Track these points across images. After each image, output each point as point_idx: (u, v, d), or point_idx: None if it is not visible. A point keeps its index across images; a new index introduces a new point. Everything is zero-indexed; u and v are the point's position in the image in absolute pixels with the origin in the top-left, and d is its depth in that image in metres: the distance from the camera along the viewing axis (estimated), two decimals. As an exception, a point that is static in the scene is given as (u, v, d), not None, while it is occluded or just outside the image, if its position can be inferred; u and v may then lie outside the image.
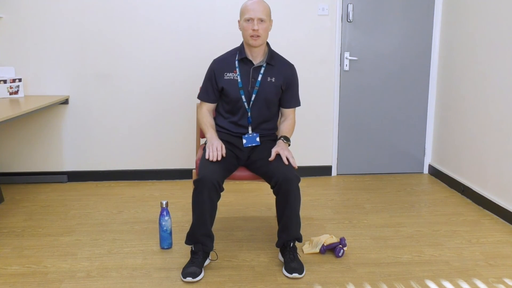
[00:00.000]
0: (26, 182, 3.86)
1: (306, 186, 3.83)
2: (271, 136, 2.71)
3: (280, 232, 2.44)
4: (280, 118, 2.75)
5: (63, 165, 3.89)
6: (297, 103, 2.72)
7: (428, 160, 4.17)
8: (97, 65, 3.77)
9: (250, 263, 2.49)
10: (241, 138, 2.63)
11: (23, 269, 2.43)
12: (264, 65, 2.59)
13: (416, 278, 2.34)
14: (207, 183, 2.31)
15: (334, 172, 4.11)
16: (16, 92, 3.61)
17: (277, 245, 2.47)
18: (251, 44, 2.53)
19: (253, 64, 2.59)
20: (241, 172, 2.61)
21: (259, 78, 2.58)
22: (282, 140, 2.57)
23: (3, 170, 3.87)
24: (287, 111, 2.71)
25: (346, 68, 3.94)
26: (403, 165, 4.17)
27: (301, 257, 2.54)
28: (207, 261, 2.45)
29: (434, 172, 4.06)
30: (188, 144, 3.94)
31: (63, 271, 2.40)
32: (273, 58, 2.62)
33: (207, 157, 2.44)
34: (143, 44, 3.76)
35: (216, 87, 2.62)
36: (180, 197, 3.54)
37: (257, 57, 2.59)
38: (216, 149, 2.45)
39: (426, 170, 4.19)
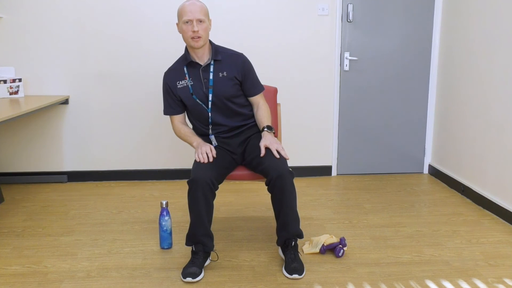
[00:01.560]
0: (26, 182, 3.86)
1: (306, 186, 3.83)
2: (253, 128, 2.68)
3: (279, 230, 2.43)
4: (253, 109, 2.70)
5: (63, 165, 3.89)
6: (261, 88, 2.68)
7: (428, 160, 4.17)
8: (97, 65, 3.77)
9: (250, 263, 2.49)
10: (227, 139, 2.63)
11: (23, 269, 2.43)
12: (212, 62, 2.56)
13: (416, 278, 2.34)
14: (200, 183, 2.31)
15: (334, 172, 4.11)
16: (16, 92, 3.61)
17: (278, 244, 2.46)
18: (193, 46, 2.50)
19: (200, 65, 2.56)
20: (240, 171, 2.61)
21: (211, 77, 2.55)
22: (266, 130, 2.55)
23: (3, 170, 3.87)
24: (254, 99, 2.67)
25: (346, 68, 3.94)
26: (403, 165, 4.17)
27: (302, 256, 2.54)
28: (208, 261, 2.45)
29: (434, 172, 4.06)
30: (188, 144, 3.94)
31: (63, 271, 2.40)
32: (218, 53, 2.58)
33: (197, 160, 2.45)
34: (143, 44, 3.76)
35: (175, 98, 2.62)
36: (180, 197, 3.54)
37: (202, 57, 2.56)
38: (205, 152, 2.45)
39: (426, 170, 4.19)
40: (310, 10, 3.83)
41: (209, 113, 2.59)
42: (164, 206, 2.63)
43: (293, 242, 2.42)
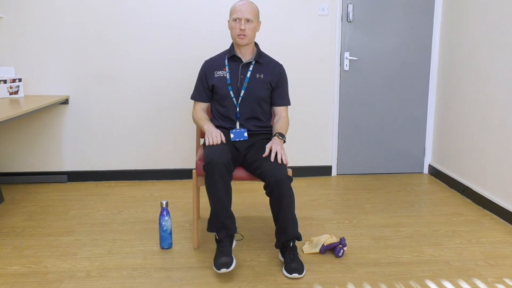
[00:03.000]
0: (26, 182, 3.86)
1: (306, 186, 3.83)
2: (264, 135, 2.72)
3: (278, 233, 2.44)
4: (274, 118, 2.78)
5: (63, 165, 3.89)
6: (288, 102, 2.78)
7: (428, 160, 4.17)
8: (97, 65, 3.77)
9: (250, 263, 2.49)
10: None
11: (23, 269, 2.43)
12: (253, 62, 2.67)
13: (416, 278, 2.34)
14: (217, 165, 2.33)
15: (334, 172, 4.11)
16: (16, 92, 3.61)
17: (276, 246, 2.46)
18: (238, 43, 2.62)
19: (242, 62, 2.67)
20: (240, 172, 2.61)
21: (248, 75, 2.65)
22: (277, 136, 2.58)
23: (3, 170, 3.87)
24: (279, 110, 2.74)
25: (346, 68, 3.94)
26: (403, 165, 4.17)
27: (301, 257, 2.54)
28: (234, 244, 2.44)
29: (434, 172, 4.06)
30: (188, 144, 3.94)
31: (63, 271, 2.40)
32: (261, 56, 2.71)
33: (207, 143, 2.48)
34: (143, 44, 3.76)
35: (207, 86, 2.71)
36: (180, 197, 3.54)
37: (245, 54, 2.68)
38: (215, 136, 2.50)
39: (426, 170, 4.19)
40: (310, 10, 3.83)
41: (237, 108, 2.65)
42: (164, 206, 2.63)
43: (292, 243, 2.42)
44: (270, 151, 2.48)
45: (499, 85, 3.14)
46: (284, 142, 2.61)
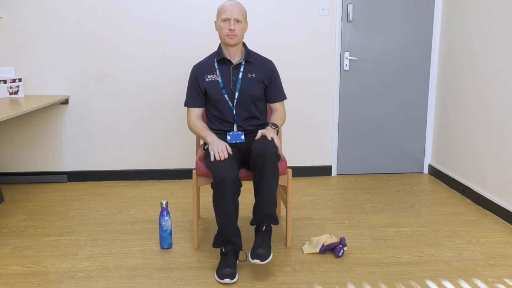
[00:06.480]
0: (26, 182, 3.86)
1: (306, 186, 3.83)
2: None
3: (254, 209, 2.41)
4: (272, 114, 2.77)
5: (63, 165, 3.89)
6: (283, 96, 2.77)
7: (428, 160, 4.17)
8: (97, 65, 3.77)
9: (250, 263, 2.49)
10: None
11: (23, 269, 2.43)
12: (243, 63, 2.65)
13: (416, 278, 2.34)
14: (228, 183, 2.29)
15: (334, 172, 4.11)
16: (16, 92, 3.61)
17: (251, 223, 2.43)
18: (227, 43, 2.58)
19: (232, 63, 2.64)
20: (240, 172, 2.61)
21: (240, 76, 2.63)
22: (271, 126, 2.58)
23: (3, 170, 3.87)
24: (275, 106, 2.75)
25: (346, 68, 3.94)
26: (403, 165, 4.17)
27: (302, 253, 2.53)
28: (237, 262, 2.42)
29: (434, 172, 4.06)
30: (188, 144, 3.94)
31: (63, 271, 2.40)
32: (250, 55, 2.68)
33: (213, 159, 2.41)
34: (143, 44, 3.76)
35: (200, 91, 2.67)
36: (180, 197, 3.54)
37: (235, 56, 2.65)
38: (221, 150, 2.44)
39: (426, 170, 4.19)
40: (310, 10, 3.83)
41: (234, 111, 2.64)
42: (164, 206, 2.63)
43: (264, 227, 2.39)
44: (263, 136, 2.47)
45: (499, 85, 3.14)
46: (278, 132, 2.60)
